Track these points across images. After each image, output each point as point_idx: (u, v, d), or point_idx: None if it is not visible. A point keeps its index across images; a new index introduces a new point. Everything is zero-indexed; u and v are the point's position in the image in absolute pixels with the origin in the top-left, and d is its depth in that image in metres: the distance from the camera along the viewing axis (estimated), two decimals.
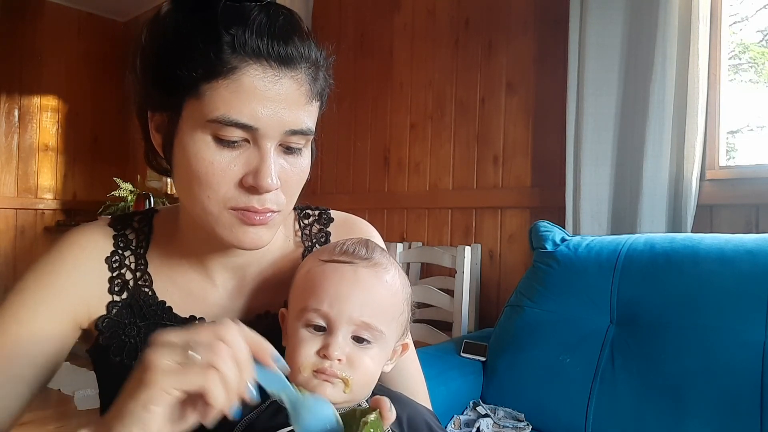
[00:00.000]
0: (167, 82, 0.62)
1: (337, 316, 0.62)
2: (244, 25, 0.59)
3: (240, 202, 0.62)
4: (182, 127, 0.62)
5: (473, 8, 2.46)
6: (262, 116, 0.59)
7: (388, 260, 0.68)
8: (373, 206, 2.80)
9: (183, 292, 0.73)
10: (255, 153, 0.61)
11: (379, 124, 2.82)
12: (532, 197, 2.25)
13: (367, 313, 0.63)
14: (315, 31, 3.06)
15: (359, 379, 0.63)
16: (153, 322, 0.71)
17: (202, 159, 0.61)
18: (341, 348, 0.62)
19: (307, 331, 0.63)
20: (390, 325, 0.66)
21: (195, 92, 0.60)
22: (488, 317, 2.29)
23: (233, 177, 0.61)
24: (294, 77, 0.61)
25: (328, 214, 0.85)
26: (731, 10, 1.94)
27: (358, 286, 0.64)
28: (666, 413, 1.32)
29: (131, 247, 0.74)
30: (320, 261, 0.67)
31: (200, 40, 0.59)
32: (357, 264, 0.65)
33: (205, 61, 0.58)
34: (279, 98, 0.60)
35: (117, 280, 0.72)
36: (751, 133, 2.05)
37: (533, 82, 2.27)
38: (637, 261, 1.52)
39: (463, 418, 1.53)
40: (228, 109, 0.59)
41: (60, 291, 0.69)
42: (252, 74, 0.59)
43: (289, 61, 0.60)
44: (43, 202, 4.03)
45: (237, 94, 0.59)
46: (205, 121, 0.60)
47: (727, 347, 1.30)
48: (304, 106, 0.63)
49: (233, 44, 0.58)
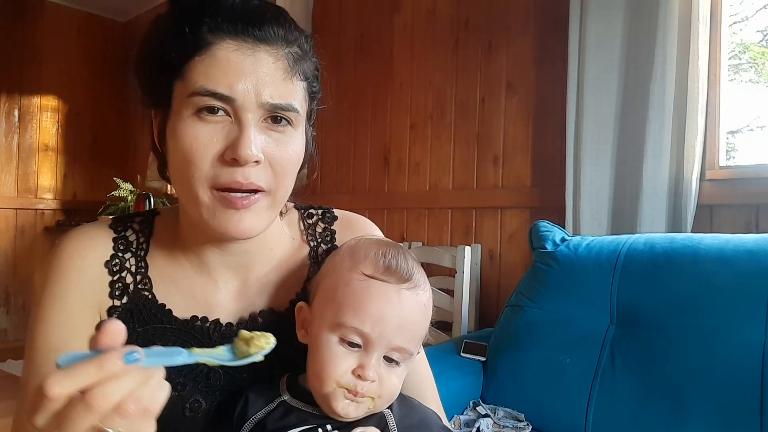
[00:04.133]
0: (157, 71, 0.64)
1: (378, 339, 0.63)
2: (221, 7, 0.62)
3: (223, 177, 0.62)
4: (172, 114, 0.64)
5: (473, 8, 2.46)
6: (239, 87, 0.61)
7: (424, 277, 0.69)
8: (373, 206, 2.80)
9: (185, 293, 0.73)
10: (235, 126, 0.62)
11: (379, 124, 2.82)
12: (532, 197, 2.25)
13: (404, 339, 0.64)
14: (315, 31, 3.07)
15: (385, 395, 0.64)
16: (152, 326, 0.70)
17: (186, 135, 0.62)
18: (375, 369, 0.63)
19: (342, 347, 0.64)
20: (418, 344, 0.68)
21: (179, 75, 0.62)
22: (488, 317, 2.29)
23: (214, 151, 0.62)
24: (270, 51, 0.63)
25: (332, 212, 0.84)
26: (731, 10, 1.93)
27: (401, 312, 0.64)
28: (666, 413, 1.32)
29: (131, 249, 0.73)
30: (363, 275, 0.66)
31: (182, 26, 0.62)
32: (401, 286, 0.66)
33: (184, 42, 0.61)
34: (255, 71, 0.62)
35: (117, 284, 0.71)
36: (751, 133, 2.05)
37: (533, 82, 2.27)
38: (637, 261, 1.52)
39: (463, 418, 1.53)
40: (205, 80, 0.61)
41: (75, 309, 0.69)
42: (226, 48, 0.61)
43: (264, 38, 0.62)
44: (43, 202, 4.03)
45: (213, 67, 0.61)
46: (186, 98, 0.62)
47: (727, 347, 1.30)
48: (283, 81, 0.63)
49: (210, 24, 0.61)
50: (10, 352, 3.65)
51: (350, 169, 2.94)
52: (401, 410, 0.67)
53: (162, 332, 0.70)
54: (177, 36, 0.62)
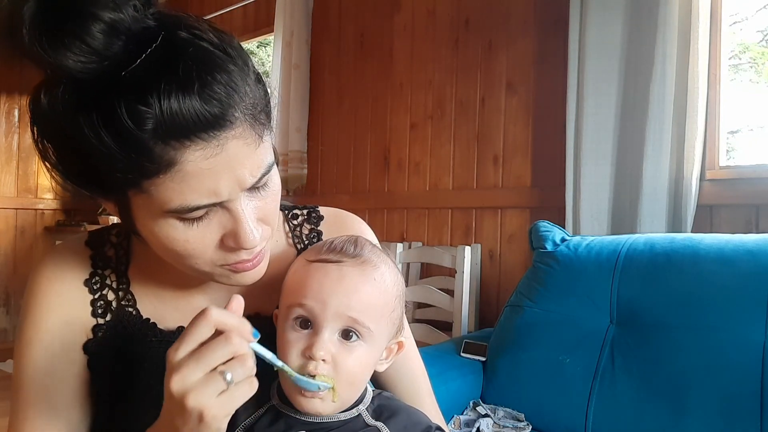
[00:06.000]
0: (95, 184, 0.56)
1: (322, 310, 0.61)
2: (157, 104, 0.49)
3: (229, 259, 0.61)
4: (138, 215, 0.58)
5: (473, 8, 2.46)
6: (221, 189, 0.55)
7: (378, 257, 0.67)
8: (373, 206, 2.80)
9: (170, 305, 0.72)
10: (226, 215, 0.58)
11: (379, 124, 2.82)
12: (532, 197, 2.25)
13: (355, 310, 0.61)
14: (315, 31, 3.08)
15: (345, 379, 0.61)
16: (138, 341, 0.69)
17: (175, 240, 0.58)
18: (326, 347, 0.60)
19: (293, 330, 0.62)
20: (379, 322, 0.64)
21: (137, 188, 0.54)
22: (488, 317, 2.29)
23: (212, 242, 0.59)
24: (235, 135, 0.54)
25: (317, 212, 0.81)
26: (731, 10, 1.93)
27: (343, 283, 0.62)
28: (666, 413, 1.32)
29: (111, 265, 0.72)
30: (306, 261, 0.66)
31: (115, 143, 0.50)
32: (344, 262, 0.64)
33: (134, 165, 0.51)
34: (231, 164, 0.54)
35: (99, 302, 0.70)
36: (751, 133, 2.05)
37: (533, 82, 2.27)
38: (637, 261, 1.52)
39: (463, 418, 1.53)
40: (183, 198, 0.54)
41: (58, 331, 0.68)
42: (192, 158, 0.52)
43: (223, 120, 0.52)
44: (43, 202, 4.03)
45: (186, 182, 0.53)
46: (163, 212, 0.55)
47: (727, 347, 1.30)
48: (257, 152, 0.57)
49: (156, 134, 0.50)
50: (11, 352, 3.64)
51: (350, 169, 2.94)
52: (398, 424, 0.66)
53: (149, 346, 0.69)
54: (115, 157, 0.51)
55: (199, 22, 0.56)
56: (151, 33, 0.52)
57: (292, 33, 3.04)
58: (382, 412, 0.66)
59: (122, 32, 0.51)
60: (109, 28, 0.51)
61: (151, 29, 0.53)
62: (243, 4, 3.45)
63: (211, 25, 0.56)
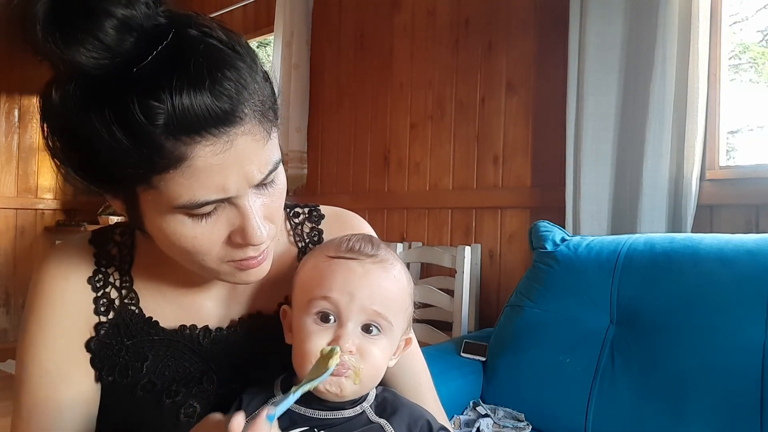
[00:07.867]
0: (105, 180, 0.57)
1: (348, 304, 0.62)
2: (168, 100, 0.50)
3: (236, 256, 0.61)
4: (146, 211, 0.58)
5: (473, 8, 2.46)
6: (230, 185, 0.56)
7: (394, 257, 0.69)
8: (373, 206, 2.80)
9: (173, 303, 0.72)
10: (234, 211, 0.58)
11: (379, 124, 2.82)
12: (532, 197, 2.25)
13: (378, 304, 0.63)
14: (315, 31, 3.08)
15: (368, 370, 0.63)
16: (141, 338, 0.70)
17: (184, 236, 0.58)
18: (352, 339, 0.62)
19: (315, 323, 0.63)
20: (398, 317, 0.66)
21: (146, 183, 0.54)
22: (488, 317, 2.29)
23: (220, 238, 0.60)
24: (245, 131, 0.54)
25: (318, 210, 0.82)
26: (731, 10, 1.94)
27: (368, 278, 0.64)
28: (666, 413, 1.32)
29: (114, 263, 0.72)
30: (327, 257, 0.67)
31: (126, 139, 0.51)
32: (364, 260, 0.66)
33: (145, 160, 0.52)
34: (239, 160, 0.55)
35: (102, 300, 0.70)
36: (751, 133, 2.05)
37: (533, 82, 2.27)
38: (637, 261, 1.52)
39: (463, 418, 1.53)
40: (192, 194, 0.55)
41: (62, 330, 0.68)
42: (202, 154, 0.53)
43: (232, 116, 0.53)
44: (43, 202, 4.03)
45: (196, 177, 0.54)
46: (172, 207, 0.56)
47: (727, 347, 1.30)
48: (265, 148, 0.57)
49: (167, 130, 0.51)
50: (10, 352, 3.65)
51: (350, 169, 2.94)
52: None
53: (151, 344, 0.69)
54: (127, 152, 0.51)
55: (208, 20, 0.56)
56: (162, 30, 0.53)
57: (292, 33, 3.04)
58: (385, 409, 0.67)
59: (134, 29, 0.52)
60: (121, 24, 0.51)
61: (162, 26, 0.54)
62: (243, 4, 3.45)
63: (219, 23, 0.57)
